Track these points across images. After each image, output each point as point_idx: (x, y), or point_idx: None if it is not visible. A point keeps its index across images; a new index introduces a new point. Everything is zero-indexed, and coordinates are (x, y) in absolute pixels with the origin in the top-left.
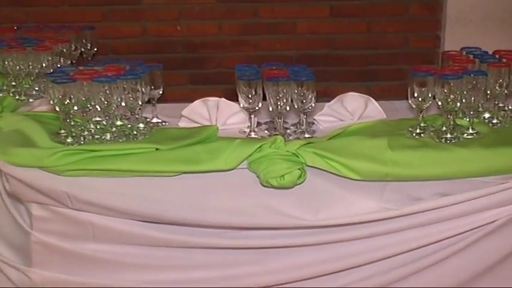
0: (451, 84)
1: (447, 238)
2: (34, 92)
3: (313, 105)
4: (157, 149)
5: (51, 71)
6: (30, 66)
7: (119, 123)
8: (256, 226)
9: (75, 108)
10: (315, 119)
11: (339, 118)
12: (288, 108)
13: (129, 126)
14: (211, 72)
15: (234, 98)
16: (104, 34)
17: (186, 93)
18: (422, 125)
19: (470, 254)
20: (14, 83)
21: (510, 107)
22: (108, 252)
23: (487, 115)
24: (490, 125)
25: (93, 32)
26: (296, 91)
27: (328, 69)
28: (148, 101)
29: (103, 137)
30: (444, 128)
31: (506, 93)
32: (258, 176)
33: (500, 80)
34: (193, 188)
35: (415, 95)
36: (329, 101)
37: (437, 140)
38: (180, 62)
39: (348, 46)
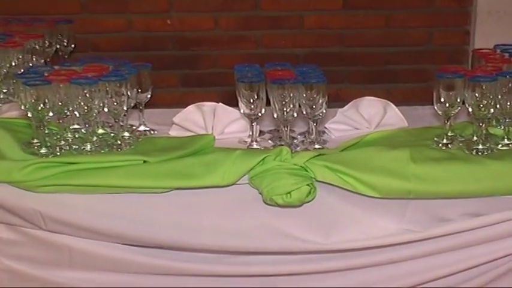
0: (483, 87)
1: (479, 265)
2: (2, 96)
3: (324, 111)
4: (144, 161)
5: (22, 71)
6: None
7: (100, 131)
8: (258, 250)
9: (50, 114)
10: (326, 128)
11: (354, 126)
12: (295, 114)
13: (113, 135)
14: (206, 72)
15: (233, 102)
16: (83, 28)
17: (177, 97)
18: (449, 134)
19: (505, 283)
20: None
21: None
22: (88, 281)
23: None
24: None
25: (70, 26)
26: (304, 95)
27: (341, 69)
28: (135, 106)
29: (82, 148)
30: (475, 138)
31: None
32: (260, 193)
33: None
34: (187, 206)
35: (442, 99)
36: (342, 107)
37: (467, 152)
38: (170, 60)
39: (364, 43)
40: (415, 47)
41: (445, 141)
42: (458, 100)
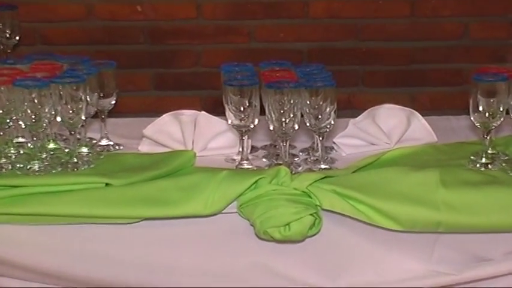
0: None
1: None
2: None
3: (332, 122)
4: (107, 184)
5: None
6: None
7: (52, 146)
8: None
9: None
10: (334, 143)
11: (370, 141)
12: (296, 126)
13: (67, 151)
14: (185, 72)
15: (218, 110)
16: (30, 16)
17: (149, 103)
18: (490, 151)
19: None
20: None
21: None
22: None
23: None
24: None
25: (14, 13)
26: (308, 102)
27: (354, 69)
28: (96, 115)
29: (29, 167)
30: None
31: None
32: (252, 224)
33: None
34: (160, 241)
35: (480, 108)
36: (355, 116)
37: (511, 174)
38: (141, 57)
39: (383, 36)
40: (447, 41)
41: (484, 160)
42: (501, 109)
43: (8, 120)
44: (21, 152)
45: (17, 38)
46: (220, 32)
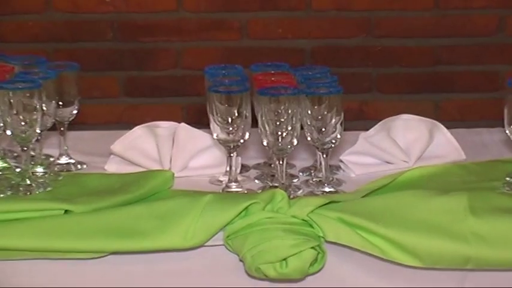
0: None
1: None
2: None
3: (338, 136)
4: (66, 211)
5: None
6: None
7: (0, 165)
8: None
9: None
10: (342, 161)
11: (384, 159)
12: (295, 141)
13: (19, 170)
14: (163, 75)
15: (202, 122)
16: None
17: (118, 112)
18: None
19: None
20: None
21: None
22: None
23: None
24: None
25: None
26: (310, 112)
27: (366, 72)
28: (54, 127)
29: None
30: None
31: None
32: (242, 260)
33: None
34: (130, 279)
35: None
36: (367, 129)
37: None
38: (109, 57)
39: (402, 32)
40: (479, 38)
41: None
42: None
43: None
44: None
45: None
46: (205, 27)
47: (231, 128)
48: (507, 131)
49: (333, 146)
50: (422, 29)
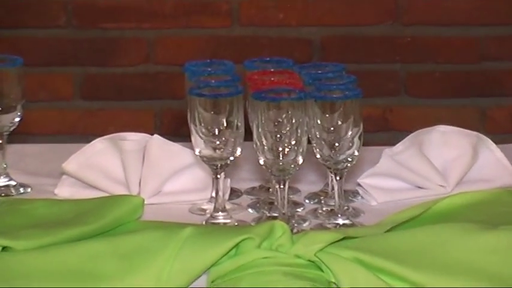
0: None
1: None
2: None
3: (356, 153)
4: (4, 248)
5: None
6: None
7: None
8: None
9: None
10: (360, 185)
11: (414, 183)
12: (300, 159)
13: None
14: (129, 73)
15: (181, 133)
16: None
17: (73, 120)
18: None
19: None
20: None
21: None
22: None
23: None
24: None
25: None
26: (319, 122)
27: (393, 69)
28: None
29: None
30: None
31: None
32: None
33: None
34: None
35: None
36: (393, 143)
37: None
38: (62, 49)
39: (438, 19)
40: None
41: None
42: None
43: None
44: None
45: None
46: (185, 11)
47: (218, 142)
48: None
49: (348, 165)
50: (464, 14)
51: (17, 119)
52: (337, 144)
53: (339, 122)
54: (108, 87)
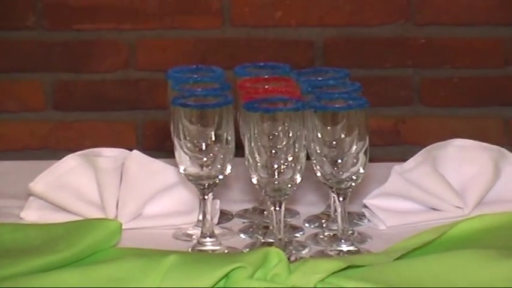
0: None
1: None
2: None
3: (361, 170)
4: None
5: None
6: None
7: None
8: None
9: None
10: (366, 206)
11: (428, 204)
12: (298, 178)
13: None
14: (107, 80)
15: (164, 148)
16: None
17: (42, 133)
18: None
19: None
20: None
21: None
22: None
23: None
24: None
25: None
26: (320, 135)
27: (405, 74)
28: None
29: None
30: None
31: None
32: None
33: None
34: None
35: None
36: (404, 159)
37: None
38: (30, 52)
39: (456, 17)
40: None
41: None
42: None
43: None
44: None
45: None
46: (170, 10)
47: (205, 159)
48: None
49: (353, 184)
50: (486, 13)
51: None
52: (340, 160)
53: (342, 136)
54: (84, 96)
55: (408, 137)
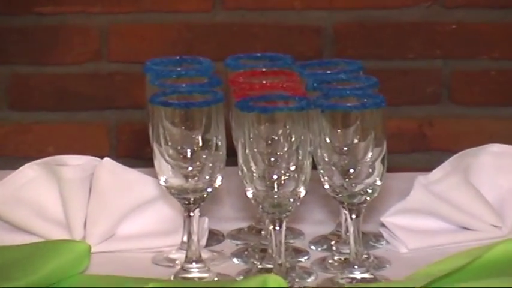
0: None
1: None
2: None
3: (377, 182)
4: None
5: None
6: None
7: None
8: None
9: None
10: (384, 224)
11: (458, 223)
12: (302, 191)
13: None
14: (73, 73)
15: (141, 155)
16: None
17: None
18: None
19: None
20: None
21: None
22: None
23: None
24: None
25: None
26: (329, 140)
27: (431, 67)
28: None
29: None
30: None
31: None
32: None
33: None
34: None
35: None
36: (431, 168)
37: None
38: None
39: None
40: None
41: None
42: None
43: None
44: None
45: None
46: None
47: (190, 168)
48: None
49: (368, 199)
50: None
51: None
52: (352, 170)
53: (355, 140)
54: (46, 92)
55: (435, 142)
